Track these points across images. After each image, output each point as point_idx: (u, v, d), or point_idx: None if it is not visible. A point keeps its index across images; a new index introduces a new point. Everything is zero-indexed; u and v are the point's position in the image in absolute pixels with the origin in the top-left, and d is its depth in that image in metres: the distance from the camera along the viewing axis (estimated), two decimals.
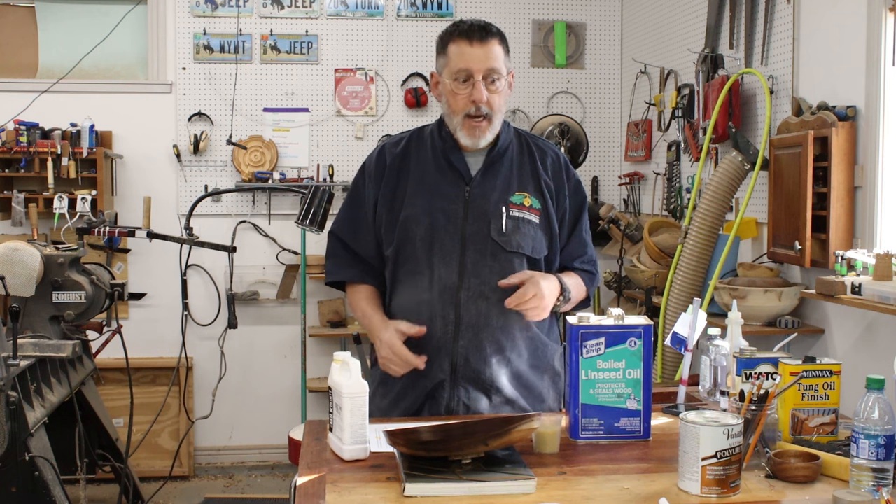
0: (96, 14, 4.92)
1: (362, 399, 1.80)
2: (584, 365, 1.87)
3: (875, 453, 1.55)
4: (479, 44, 2.11)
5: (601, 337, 1.87)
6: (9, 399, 2.84)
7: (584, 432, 1.88)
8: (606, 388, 1.88)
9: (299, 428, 4.29)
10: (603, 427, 1.89)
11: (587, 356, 1.86)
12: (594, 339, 1.87)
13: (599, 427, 1.89)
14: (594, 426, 1.88)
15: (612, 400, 1.88)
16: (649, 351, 1.89)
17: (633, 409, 1.89)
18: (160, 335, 4.87)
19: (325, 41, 5.03)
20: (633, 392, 1.89)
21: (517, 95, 5.14)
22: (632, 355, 1.88)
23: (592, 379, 1.87)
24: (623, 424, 1.89)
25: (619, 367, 1.88)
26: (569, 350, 1.89)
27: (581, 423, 1.88)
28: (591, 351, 1.86)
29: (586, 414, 1.88)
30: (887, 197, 2.94)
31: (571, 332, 1.87)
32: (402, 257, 2.19)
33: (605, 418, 1.88)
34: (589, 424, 1.88)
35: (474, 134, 2.15)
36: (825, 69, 3.21)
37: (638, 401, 1.89)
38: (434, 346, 2.15)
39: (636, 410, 1.89)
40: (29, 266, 3.30)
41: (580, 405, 1.87)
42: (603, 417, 1.88)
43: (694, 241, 3.61)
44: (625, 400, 1.89)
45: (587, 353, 1.86)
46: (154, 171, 4.95)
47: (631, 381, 1.88)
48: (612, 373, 1.88)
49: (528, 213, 2.18)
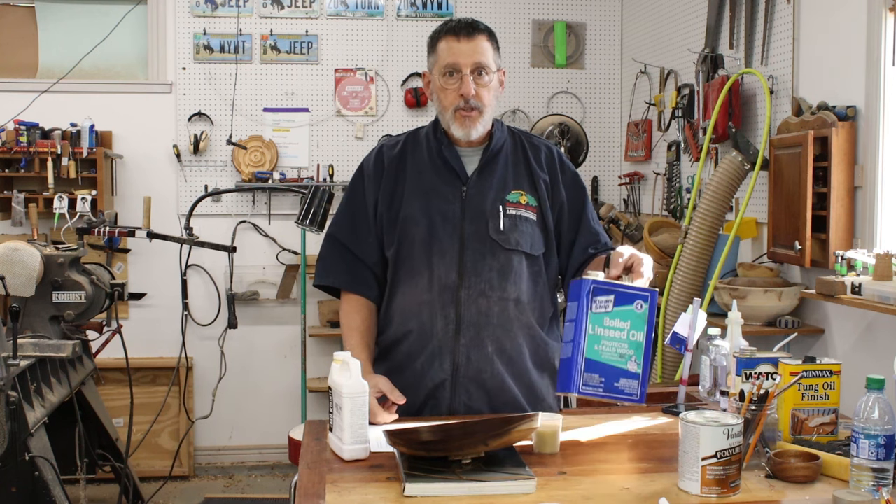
0: (96, 14, 4.92)
1: (362, 399, 1.80)
2: (593, 319, 1.83)
3: (875, 453, 1.55)
4: (466, 39, 2.13)
5: (611, 295, 1.85)
6: (9, 399, 2.84)
7: (584, 387, 1.83)
8: (610, 346, 1.84)
9: (299, 428, 4.29)
10: (603, 385, 1.84)
11: (596, 311, 1.84)
12: (604, 296, 1.84)
13: (600, 384, 1.84)
14: (595, 382, 1.84)
15: (614, 359, 1.85)
16: (653, 317, 1.87)
17: (633, 371, 1.85)
18: (160, 335, 4.87)
19: (325, 41, 5.04)
20: (635, 354, 1.86)
21: (517, 95, 5.14)
22: (637, 317, 1.86)
23: (598, 334, 1.84)
24: (622, 385, 1.85)
25: (625, 328, 1.85)
26: (575, 306, 1.86)
27: (583, 377, 1.83)
28: (601, 307, 1.84)
29: (589, 369, 1.84)
30: (887, 197, 2.94)
31: (582, 286, 1.84)
32: (401, 258, 2.20)
33: (606, 376, 1.84)
34: (590, 380, 1.84)
35: (465, 125, 2.15)
36: (825, 69, 3.21)
37: (638, 364, 1.86)
38: (435, 346, 2.15)
39: (636, 373, 1.85)
40: (29, 266, 3.30)
41: (584, 359, 1.83)
42: (604, 375, 1.84)
43: (694, 241, 3.61)
44: (626, 361, 1.85)
45: (596, 307, 1.84)
46: (154, 171, 4.95)
47: (634, 343, 1.85)
48: (618, 332, 1.85)
49: (524, 211, 2.19)
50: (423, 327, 2.17)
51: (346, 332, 2.25)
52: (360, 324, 2.24)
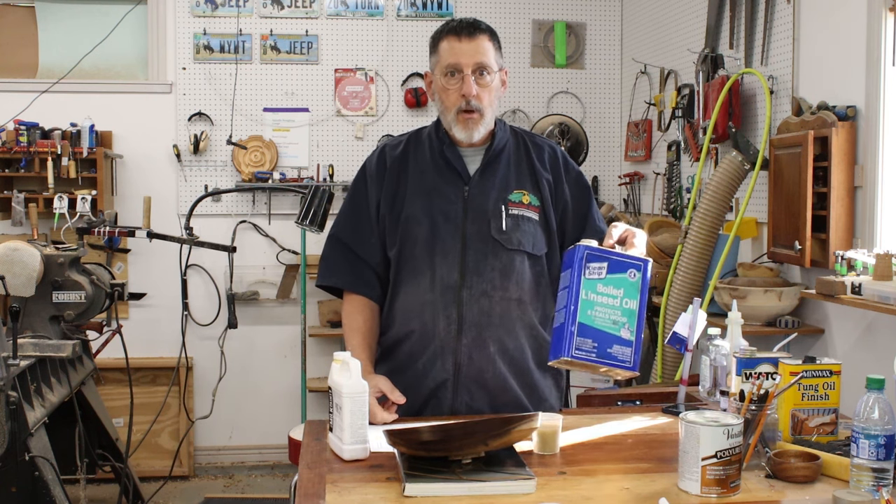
0: (96, 14, 4.92)
1: (362, 399, 1.80)
2: (586, 285, 1.84)
3: (875, 453, 1.55)
4: (467, 39, 2.13)
5: (604, 262, 1.86)
6: (9, 399, 2.84)
7: (577, 351, 1.84)
8: (603, 313, 1.85)
9: (299, 428, 4.29)
10: (596, 350, 1.85)
11: (589, 276, 1.84)
12: (597, 263, 1.85)
13: (593, 349, 1.84)
14: (588, 347, 1.84)
15: (608, 325, 1.85)
16: (646, 285, 1.88)
17: (626, 338, 1.86)
18: (160, 335, 4.88)
19: (325, 41, 5.04)
20: (628, 322, 1.86)
21: (517, 95, 5.14)
22: (630, 286, 1.86)
23: (591, 300, 1.84)
24: (615, 352, 1.85)
25: (618, 295, 1.86)
26: (568, 273, 1.87)
27: (576, 341, 1.84)
28: (594, 273, 1.85)
29: (582, 333, 1.84)
30: (887, 197, 2.94)
31: (576, 252, 1.85)
32: (403, 258, 2.20)
33: (599, 341, 1.85)
34: (583, 344, 1.84)
35: (467, 127, 2.16)
36: (825, 69, 3.21)
37: (631, 331, 1.86)
38: (437, 346, 2.15)
39: (629, 340, 1.86)
40: (29, 266, 3.30)
41: (577, 323, 1.84)
42: (598, 340, 1.84)
43: (694, 241, 3.61)
44: (619, 328, 1.86)
45: (589, 273, 1.84)
46: (154, 171, 4.95)
47: (627, 311, 1.86)
48: (611, 299, 1.86)
49: (527, 211, 2.19)
50: (424, 327, 2.17)
51: (347, 333, 2.25)
52: (361, 324, 2.24)
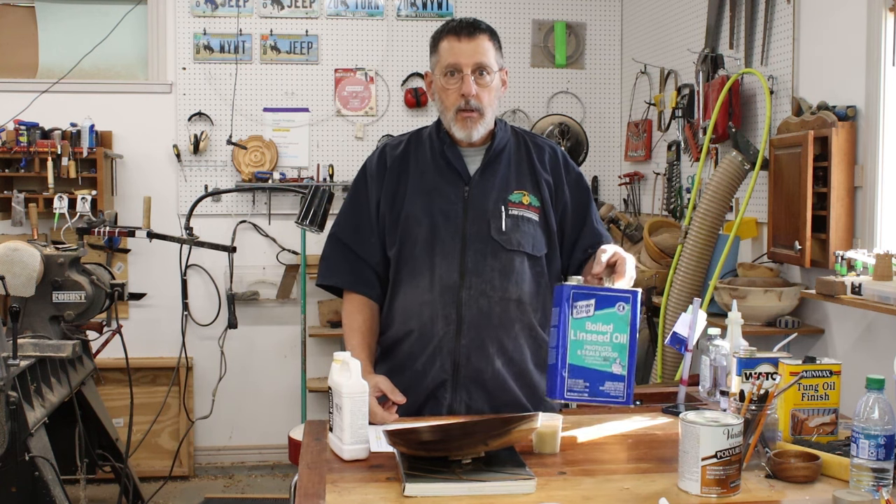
0: (96, 14, 4.92)
1: (362, 399, 1.80)
2: (574, 325, 1.84)
3: (875, 453, 1.55)
4: (467, 39, 2.13)
5: (591, 299, 1.85)
6: (9, 399, 2.84)
7: (569, 392, 1.84)
8: (594, 351, 1.85)
9: (299, 428, 4.29)
10: (588, 390, 1.85)
11: (577, 316, 1.84)
12: (584, 301, 1.85)
13: (585, 389, 1.85)
14: (580, 387, 1.85)
15: (598, 363, 1.85)
16: (636, 317, 1.87)
17: (618, 373, 1.86)
18: (160, 335, 4.87)
19: (325, 41, 5.04)
20: (619, 357, 1.86)
21: (517, 95, 5.14)
22: (620, 319, 1.86)
23: (581, 339, 1.84)
24: (608, 388, 1.86)
25: (607, 331, 1.86)
26: (557, 311, 1.87)
27: (567, 383, 1.84)
28: (581, 311, 1.84)
29: (573, 374, 1.84)
30: (887, 197, 2.94)
31: (563, 292, 1.85)
32: (403, 258, 2.20)
33: (590, 380, 1.85)
34: (575, 385, 1.85)
35: (466, 126, 2.16)
36: (825, 69, 3.21)
37: (623, 366, 1.86)
38: (436, 346, 2.15)
39: (621, 375, 1.86)
40: (29, 266, 3.30)
41: (567, 365, 1.84)
42: (589, 379, 1.85)
43: (694, 241, 3.61)
44: (610, 364, 1.86)
45: (577, 313, 1.84)
46: (154, 171, 4.95)
47: (617, 346, 1.86)
48: (600, 335, 1.85)
49: (527, 212, 2.19)
50: (423, 327, 2.17)
51: (347, 333, 2.25)
52: (361, 324, 2.24)
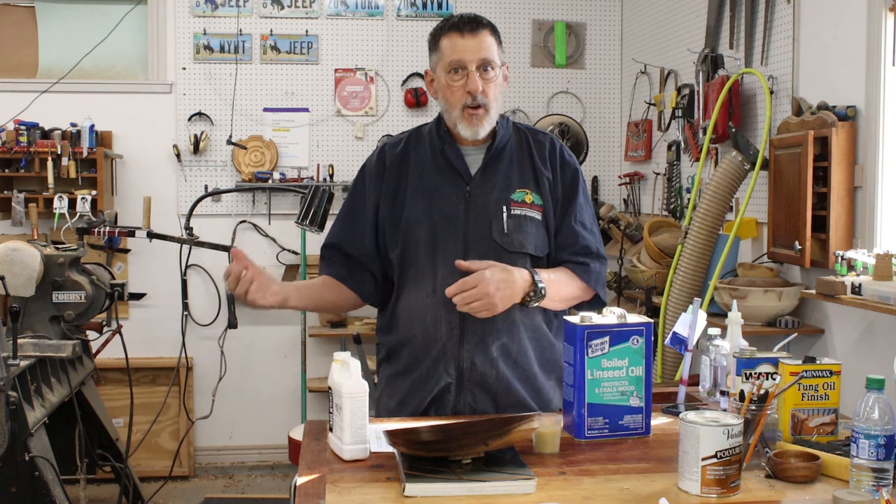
0: (96, 14, 4.92)
1: (362, 399, 1.80)
2: (590, 365, 1.87)
3: (875, 453, 1.55)
4: (470, 35, 2.11)
5: (606, 336, 1.87)
6: (9, 399, 2.84)
7: (590, 431, 1.89)
8: (611, 387, 1.88)
9: (299, 428, 4.29)
10: (608, 426, 1.89)
11: (592, 356, 1.86)
12: (599, 339, 1.87)
13: (605, 426, 1.89)
14: (599, 425, 1.89)
15: (616, 398, 1.89)
16: (650, 348, 1.90)
17: (636, 406, 1.90)
18: (160, 335, 4.87)
19: (325, 41, 5.03)
20: (635, 389, 1.90)
21: (517, 95, 5.14)
22: (634, 353, 1.89)
23: (598, 378, 1.87)
24: (627, 422, 1.90)
25: (623, 366, 1.89)
26: (571, 350, 1.89)
27: (587, 422, 1.88)
28: (597, 350, 1.87)
29: (592, 413, 1.88)
30: (887, 197, 2.94)
31: (576, 332, 1.86)
32: (405, 261, 2.18)
33: (609, 416, 1.89)
34: (595, 424, 1.89)
35: (472, 123, 2.13)
36: (825, 69, 3.21)
37: (640, 398, 1.90)
38: (439, 350, 2.14)
39: (639, 407, 1.90)
40: (29, 266, 3.30)
41: (586, 405, 1.88)
42: (608, 416, 1.89)
43: (694, 241, 3.61)
44: (628, 397, 1.90)
45: (592, 352, 1.86)
46: (154, 171, 4.95)
47: (634, 379, 1.89)
48: (616, 371, 1.88)
49: (530, 211, 2.16)
50: (426, 332, 2.15)
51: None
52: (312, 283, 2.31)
